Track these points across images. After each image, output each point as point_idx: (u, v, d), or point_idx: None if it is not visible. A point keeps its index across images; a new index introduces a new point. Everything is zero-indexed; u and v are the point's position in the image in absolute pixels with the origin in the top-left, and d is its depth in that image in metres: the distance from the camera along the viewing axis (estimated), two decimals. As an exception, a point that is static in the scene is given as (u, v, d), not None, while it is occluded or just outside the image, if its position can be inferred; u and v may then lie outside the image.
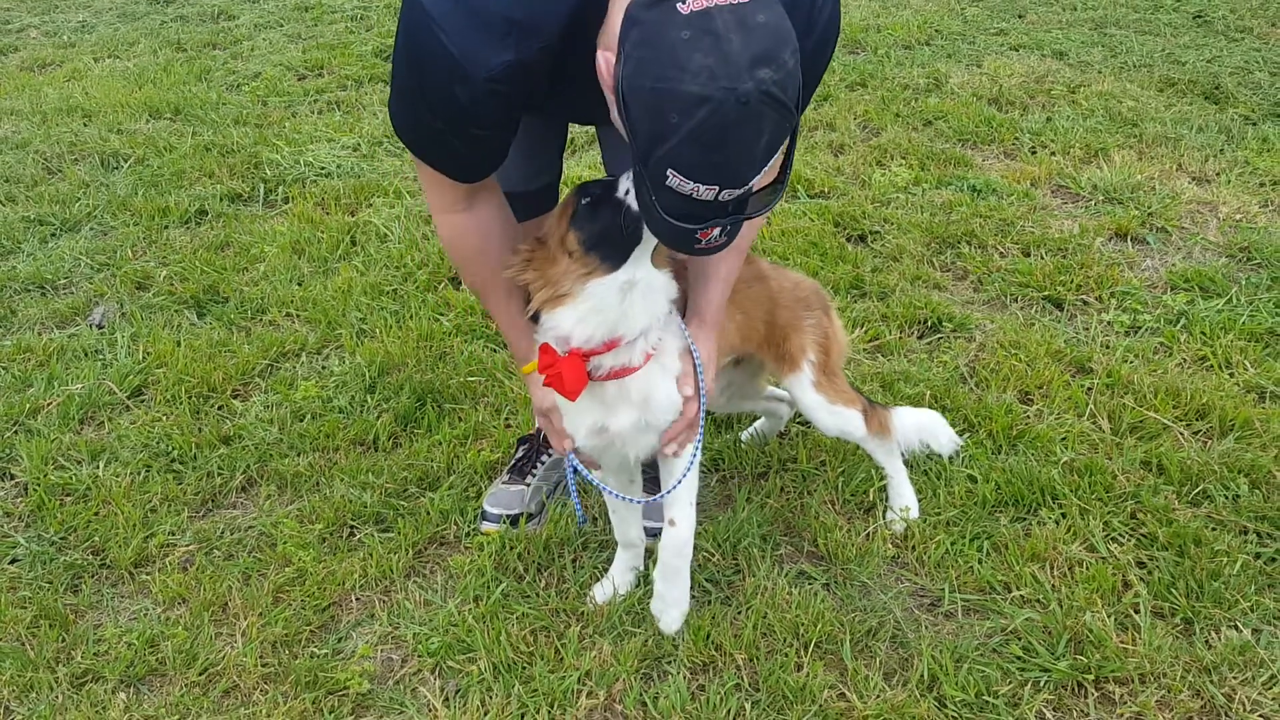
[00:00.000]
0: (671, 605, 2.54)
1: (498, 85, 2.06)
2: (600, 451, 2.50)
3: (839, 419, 2.79)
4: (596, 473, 2.57)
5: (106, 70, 7.28)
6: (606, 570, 2.78)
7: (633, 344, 2.30)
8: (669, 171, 1.84)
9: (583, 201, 2.23)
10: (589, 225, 2.21)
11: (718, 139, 1.80)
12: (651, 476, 2.96)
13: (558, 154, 2.93)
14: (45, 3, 9.41)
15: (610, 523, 2.76)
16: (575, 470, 2.55)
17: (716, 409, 3.20)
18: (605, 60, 1.94)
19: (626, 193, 2.14)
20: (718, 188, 1.86)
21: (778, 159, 1.96)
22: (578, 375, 2.26)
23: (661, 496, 2.51)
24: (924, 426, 3.02)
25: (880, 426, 2.87)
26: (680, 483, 2.48)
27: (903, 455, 2.97)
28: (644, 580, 2.75)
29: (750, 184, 1.91)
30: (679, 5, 1.77)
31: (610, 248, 2.20)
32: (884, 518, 2.93)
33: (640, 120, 1.83)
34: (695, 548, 2.82)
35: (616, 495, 2.58)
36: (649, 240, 2.19)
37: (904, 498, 2.92)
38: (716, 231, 1.97)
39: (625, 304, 2.24)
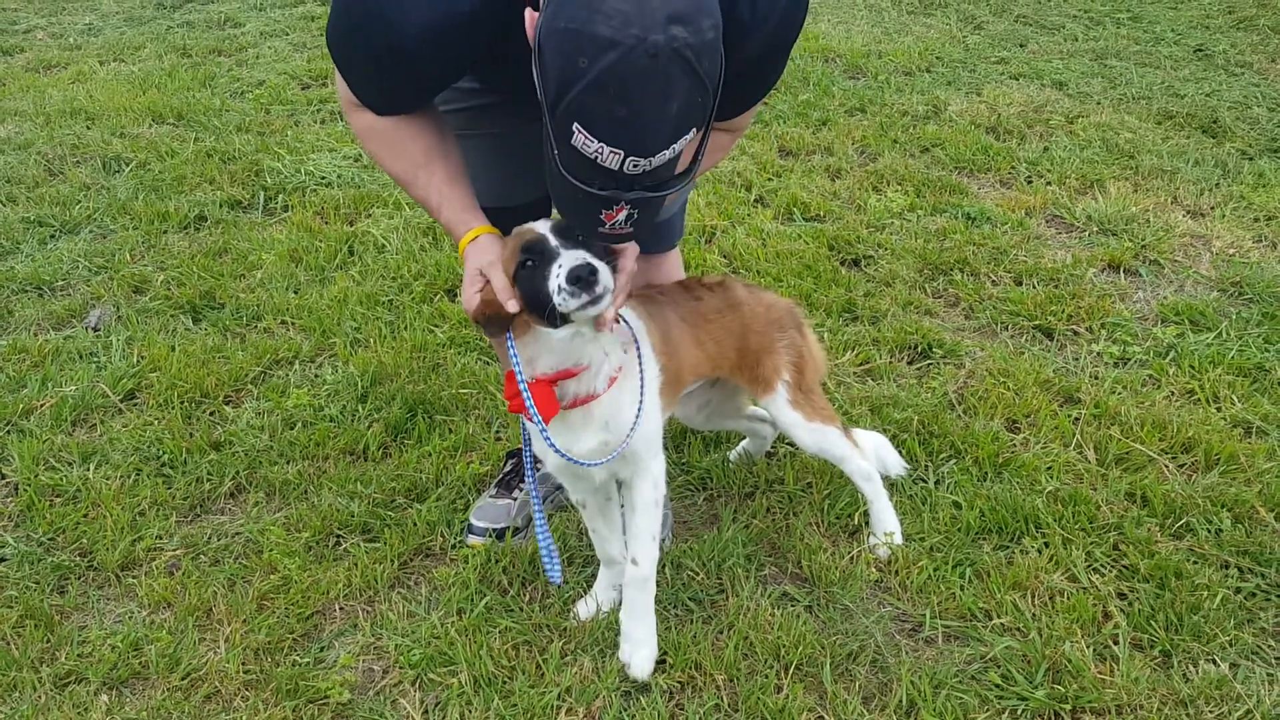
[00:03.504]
0: (639, 645, 2.55)
1: (426, 42, 2.06)
2: (572, 476, 2.54)
3: (817, 435, 2.81)
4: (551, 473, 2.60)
5: (111, 74, 7.32)
6: (590, 587, 2.79)
7: (596, 372, 2.33)
8: (574, 126, 1.83)
9: (525, 263, 2.18)
10: (527, 291, 2.18)
11: (623, 89, 1.78)
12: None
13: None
14: (52, 4, 9.46)
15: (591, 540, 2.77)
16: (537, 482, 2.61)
17: (696, 426, 3.22)
18: (530, 17, 1.92)
19: (559, 290, 2.09)
20: (622, 153, 1.84)
21: (690, 144, 1.94)
22: (547, 401, 2.28)
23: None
24: (877, 447, 3.06)
25: (854, 443, 2.92)
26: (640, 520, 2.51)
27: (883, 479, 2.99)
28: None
29: (656, 157, 1.88)
30: None
31: (547, 318, 2.19)
32: (867, 542, 2.94)
33: (551, 65, 1.82)
34: (679, 566, 2.85)
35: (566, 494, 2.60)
36: None
37: (886, 523, 2.93)
38: (621, 216, 1.96)
39: (575, 346, 2.27)
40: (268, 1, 9.18)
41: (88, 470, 3.30)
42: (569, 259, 2.10)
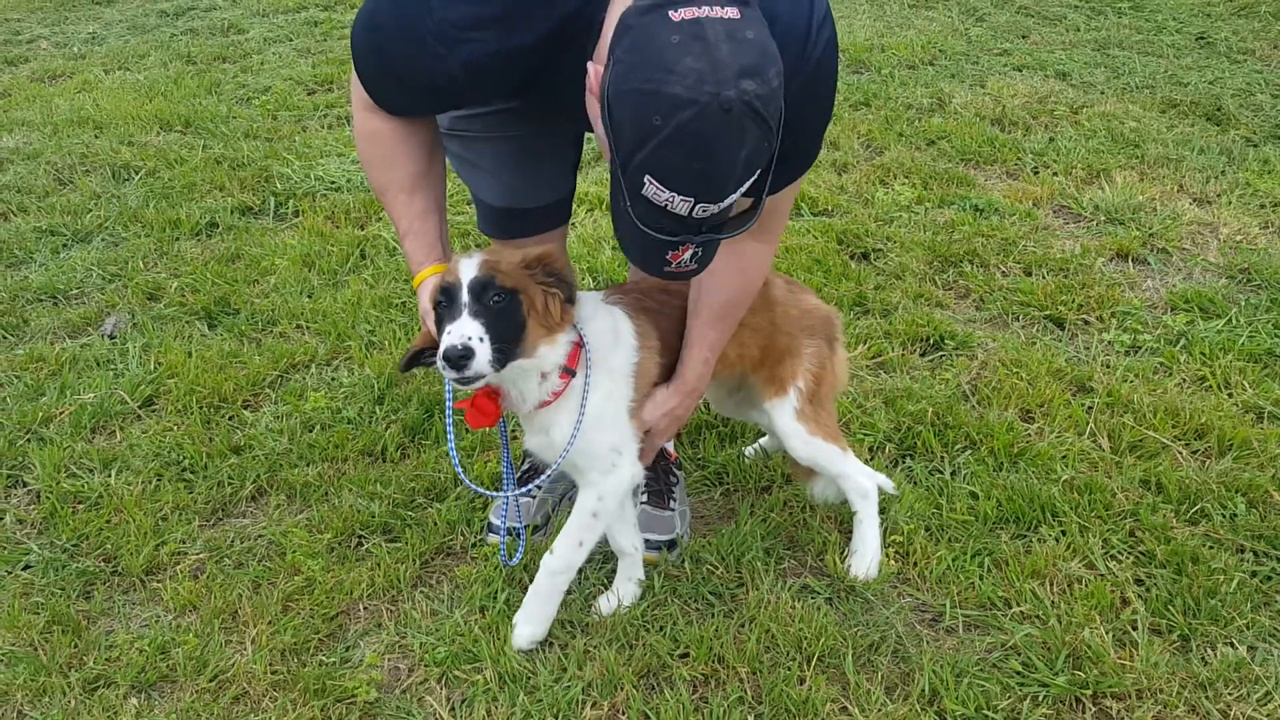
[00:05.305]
0: (527, 621, 2.63)
1: (473, 73, 2.11)
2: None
3: (813, 449, 2.77)
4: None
5: (117, 82, 7.34)
6: (611, 582, 2.81)
7: (520, 398, 2.45)
8: (647, 179, 1.86)
9: (439, 303, 2.29)
10: (437, 324, 2.29)
11: (698, 144, 1.83)
12: (655, 490, 3.00)
13: (569, 170, 2.91)
14: (56, 14, 9.49)
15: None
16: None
17: (726, 413, 3.24)
18: (594, 71, 1.96)
19: (440, 356, 2.17)
20: (693, 200, 1.89)
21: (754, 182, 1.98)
22: (486, 410, 2.42)
23: (530, 488, 2.65)
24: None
25: (859, 465, 2.90)
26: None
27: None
28: (649, 592, 2.79)
29: (725, 201, 1.92)
30: (671, 12, 1.81)
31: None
32: (848, 560, 2.87)
33: (624, 123, 1.86)
34: (699, 560, 2.87)
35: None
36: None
37: (869, 545, 2.84)
38: (687, 255, 2.00)
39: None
40: (271, 7, 9.22)
41: (109, 476, 3.32)
42: (457, 331, 2.17)
